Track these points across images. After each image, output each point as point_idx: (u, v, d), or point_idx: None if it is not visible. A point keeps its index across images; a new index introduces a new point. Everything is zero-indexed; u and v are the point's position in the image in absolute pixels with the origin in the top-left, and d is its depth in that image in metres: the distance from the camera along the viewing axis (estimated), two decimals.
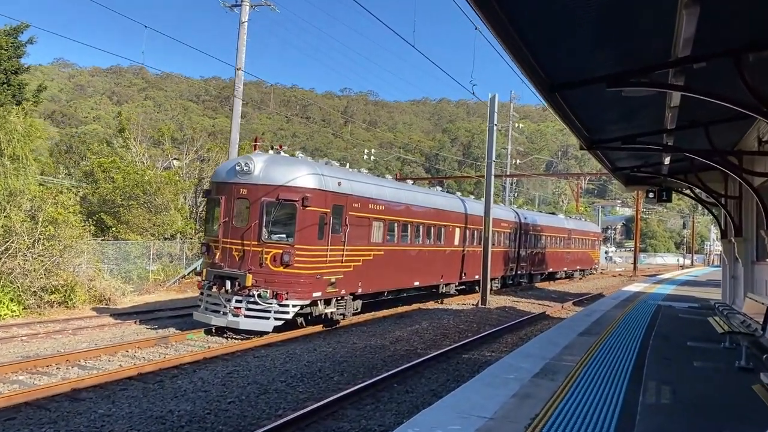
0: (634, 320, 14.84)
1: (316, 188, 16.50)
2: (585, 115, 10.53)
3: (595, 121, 11.34)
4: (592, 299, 32.80)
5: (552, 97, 8.53)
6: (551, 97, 8.52)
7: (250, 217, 16.31)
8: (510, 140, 76.17)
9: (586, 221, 55.96)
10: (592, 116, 10.85)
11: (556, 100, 8.75)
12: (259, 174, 16.33)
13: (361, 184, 18.79)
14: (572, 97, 9.10)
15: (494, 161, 26.69)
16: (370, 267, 19.33)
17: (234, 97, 30.85)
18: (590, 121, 11.17)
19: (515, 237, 34.26)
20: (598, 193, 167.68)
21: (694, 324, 14.81)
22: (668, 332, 12.75)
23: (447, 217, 25.24)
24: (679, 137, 12.42)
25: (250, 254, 16.15)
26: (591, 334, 11.96)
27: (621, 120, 11.74)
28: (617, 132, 12.27)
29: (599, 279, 51.69)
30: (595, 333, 12.20)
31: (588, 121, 11.10)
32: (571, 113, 9.94)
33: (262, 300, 15.92)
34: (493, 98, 26.06)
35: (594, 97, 9.55)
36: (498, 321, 22.72)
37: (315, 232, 16.54)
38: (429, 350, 16.36)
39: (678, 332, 12.93)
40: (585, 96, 9.31)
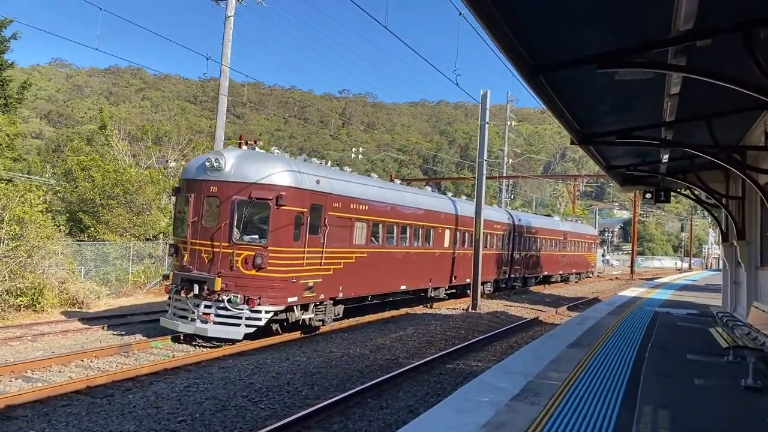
0: (629, 329, 13.82)
1: (291, 186, 15.47)
2: (575, 104, 9.52)
3: (587, 112, 10.33)
4: (588, 304, 31.81)
5: (535, 81, 7.51)
6: (534, 81, 7.50)
7: (221, 217, 15.27)
8: (506, 141, 75.27)
9: (582, 223, 54.97)
10: (583, 106, 9.85)
11: (540, 84, 7.73)
12: (230, 171, 15.30)
13: (343, 182, 17.77)
14: (559, 82, 8.09)
15: (486, 161, 25.67)
16: (352, 270, 18.30)
17: (219, 94, 29.83)
18: (582, 112, 10.16)
19: (509, 239, 33.26)
20: (595, 195, 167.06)
21: (693, 333, 13.80)
22: (666, 343, 11.74)
23: (436, 218, 24.23)
24: (679, 131, 11.43)
25: (220, 256, 15.11)
26: (582, 346, 10.94)
27: (615, 111, 10.74)
28: (612, 125, 11.27)
29: (595, 282, 50.69)
30: (587, 344, 11.17)
31: (579, 112, 10.09)
32: (560, 101, 8.93)
33: (233, 305, 14.88)
34: (485, 95, 25.07)
35: (585, 83, 8.56)
36: (488, 327, 21.70)
37: (290, 233, 15.51)
38: (411, 359, 15.33)
39: (676, 343, 11.92)
40: (574, 81, 8.31)
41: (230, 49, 28.66)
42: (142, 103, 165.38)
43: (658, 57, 7.24)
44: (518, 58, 7.12)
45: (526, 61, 7.23)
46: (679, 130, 11.33)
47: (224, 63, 28.52)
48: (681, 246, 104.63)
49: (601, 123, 11.27)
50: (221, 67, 28.67)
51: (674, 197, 22.39)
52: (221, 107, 30.22)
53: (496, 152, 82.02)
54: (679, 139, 11.31)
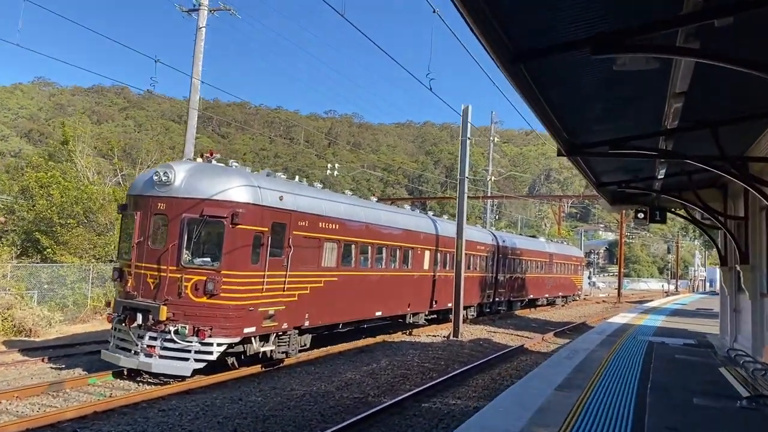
0: (623, 364, 12.33)
1: (249, 203, 13.92)
2: (562, 104, 8.13)
3: (576, 115, 8.94)
4: (575, 329, 30.35)
5: (515, 70, 6.09)
6: (514, 71, 6.08)
7: (169, 237, 13.68)
8: (491, 161, 74.32)
9: (568, 245, 53.74)
10: (572, 108, 8.46)
11: (520, 75, 6.30)
12: (180, 185, 13.74)
13: (310, 198, 16.25)
14: (544, 74, 6.68)
15: (468, 178, 24.29)
16: (321, 296, 16.72)
17: (189, 108, 28.33)
18: (570, 116, 8.77)
19: (493, 261, 31.81)
20: (581, 217, 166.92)
21: (695, 369, 12.35)
22: (667, 382, 10.26)
23: (415, 238, 22.75)
24: (680, 142, 10.06)
25: (167, 282, 13.49)
26: (572, 388, 9.42)
27: (608, 117, 9.36)
28: (604, 134, 9.89)
29: (582, 306, 49.31)
30: (577, 386, 9.66)
31: (567, 116, 8.70)
32: (544, 100, 7.52)
33: (180, 337, 13.23)
34: (466, 110, 23.78)
35: (574, 78, 7.17)
36: (469, 357, 20.12)
37: (248, 254, 13.93)
38: (382, 398, 13.73)
39: (679, 382, 10.44)
40: (561, 75, 6.92)
41: (201, 62, 27.26)
42: (125, 122, 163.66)
43: (665, 41, 5.85)
44: (495, 41, 5.69)
45: (504, 45, 5.80)
46: (680, 141, 9.98)
47: (195, 76, 27.06)
48: (667, 268, 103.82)
49: (592, 131, 9.89)
50: (192, 81, 27.23)
51: (669, 218, 21.10)
52: (191, 122, 28.77)
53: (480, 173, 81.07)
54: (680, 151, 9.93)
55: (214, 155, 14.74)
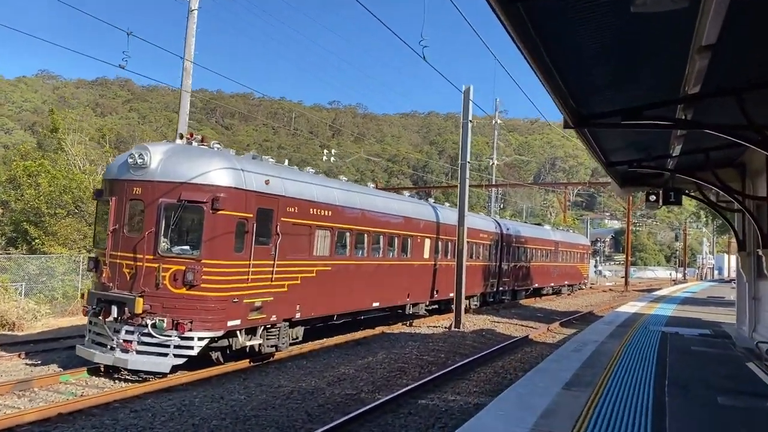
0: (637, 357, 11.35)
1: (232, 187, 12.95)
2: (567, 63, 7.10)
3: (585, 79, 7.91)
4: (582, 319, 29.37)
5: (512, 10, 5.07)
6: (511, 11, 5.06)
7: (145, 224, 12.73)
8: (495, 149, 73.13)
9: (574, 233, 52.66)
10: (578, 68, 7.42)
11: (518, 18, 5.25)
12: (156, 168, 12.77)
13: (300, 183, 15.27)
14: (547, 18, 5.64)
15: (469, 163, 23.25)
16: (313, 286, 15.77)
17: (181, 90, 27.37)
18: (577, 77, 7.74)
19: (497, 249, 30.82)
20: (586, 205, 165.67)
21: (714, 362, 11.36)
22: (686, 378, 9.28)
23: (415, 226, 21.76)
24: (700, 111, 9.01)
25: (143, 272, 12.55)
26: (581, 386, 8.44)
27: (620, 82, 8.33)
28: (615, 101, 8.85)
29: (589, 295, 48.28)
30: (587, 383, 8.68)
31: (574, 76, 7.66)
32: (547, 54, 6.49)
33: (158, 331, 12.31)
34: (468, 91, 22.70)
35: (582, 28, 6.13)
36: (472, 349, 19.18)
37: (230, 242, 12.97)
38: (376, 394, 12.81)
39: (699, 378, 9.46)
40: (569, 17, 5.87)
41: (193, 45, 26.25)
42: (129, 115, 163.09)
43: None
44: None
45: None
46: (701, 110, 8.93)
47: (187, 58, 26.04)
48: (675, 256, 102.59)
49: (602, 99, 8.85)
50: (184, 63, 26.25)
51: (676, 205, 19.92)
52: (183, 106, 27.86)
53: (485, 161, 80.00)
54: (700, 120, 8.90)
55: (194, 137, 13.73)
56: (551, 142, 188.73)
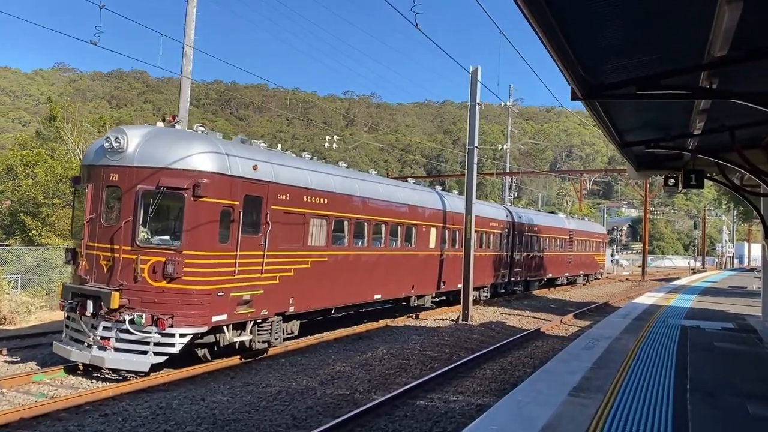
0: (654, 356, 10.33)
1: (215, 172, 12.04)
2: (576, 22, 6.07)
3: (596, 41, 6.86)
4: (597, 310, 28.28)
5: None
6: None
7: (122, 213, 11.88)
8: (509, 135, 71.87)
9: (590, 221, 51.33)
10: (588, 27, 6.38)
11: None
12: (134, 153, 11.89)
13: (292, 169, 14.34)
14: None
15: (477, 148, 22.16)
16: (307, 278, 14.88)
17: (181, 77, 26.58)
18: (587, 40, 6.69)
19: (508, 239, 29.74)
20: (603, 194, 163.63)
21: (741, 361, 10.32)
22: (710, 382, 8.25)
23: (420, 214, 20.78)
24: (727, 79, 7.93)
25: (120, 264, 11.71)
26: (590, 392, 7.46)
27: (636, 46, 7.26)
28: (630, 69, 7.79)
29: (605, 284, 47.03)
30: (597, 389, 7.69)
31: (583, 40, 6.63)
32: (551, 14, 5.48)
33: (136, 328, 11.48)
34: (475, 72, 21.60)
35: None
36: (479, 343, 18.22)
37: (214, 232, 12.08)
38: (372, 394, 11.93)
39: (725, 381, 8.44)
40: None
41: (194, 29, 25.39)
42: (143, 107, 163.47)
43: None
44: None
45: None
46: (728, 77, 7.85)
47: (187, 43, 25.19)
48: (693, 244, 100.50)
49: (614, 66, 7.79)
50: (183, 48, 25.41)
51: (695, 191, 18.60)
52: (183, 93, 27.10)
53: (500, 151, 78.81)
54: (726, 89, 7.82)
55: (176, 119, 12.83)
56: (567, 130, 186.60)
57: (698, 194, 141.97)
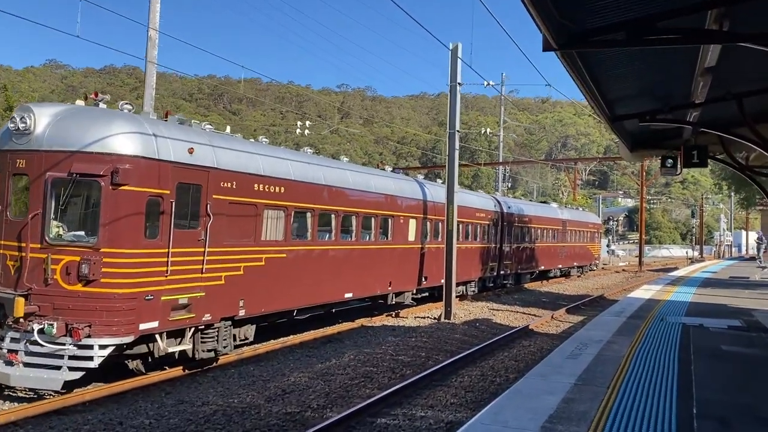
0: (651, 367, 8.68)
1: (139, 156, 10.33)
2: None
3: None
4: (591, 304, 26.68)
5: None
6: None
7: (30, 205, 10.19)
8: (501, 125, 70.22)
9: (584, 211, 49.73)
10: None
11: None
12: (42, 134, 10.17)
13: (239, 154, 12.62)
14: None
15: (458, 132, 20.45)
16: (261, 277, 13.21)
17: (146, 61, 24.88)
18: None
19: (496, 230, 28.10)
20: (599, 184, 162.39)
21: (755, 370, 8.69)
22: (721, 403, 6.61)
23: (397, 205, 19.11)
24: (738, 19, 6.25)
25: (28, 263, 10.03)
26: (570, 423, 5.81)
27: None
28: (619, 10, 6.11)
29: (600, 276, 45.46)
30: (580, 416, 6.04)
31: None
32: None
33: (47, 338, 9.80)
34: (455, 49, 19.88)
35: None
36: (459, 345, 16.60)
37: (139, 225, 10.39)
38: (326, 411, 10.30)
39: (739, 401, 6.80)
40: None
41: (159, 12, 23.65)
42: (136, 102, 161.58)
43: None
44: None
45: None
46: (739, 17, 6.17)
47: (151, 26, 23.47)
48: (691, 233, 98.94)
49: (599, 4, 6.11)
50: (148, 32, 23.69)
51: (692, 176, 16.69)
52: (149, 79, 25.44)
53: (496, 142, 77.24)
54: (740, 31, 6.14)
55: (100, 97, 11.07)
56: (563, 120, 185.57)
57: (695, 183, 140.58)
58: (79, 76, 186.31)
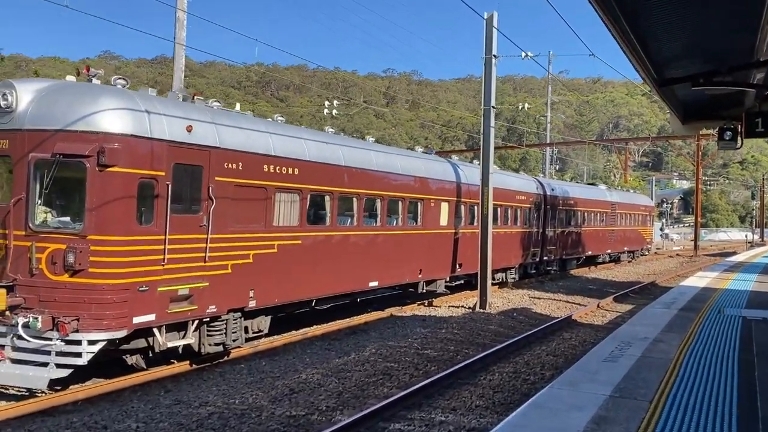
0: (706, 373, 7.34)
1: (128, 134, 9.44)
2: None
3: None
4: (641, 292, 25.03)
5: None
6: None
7: (14, 189, 9.44)
8: (549, 105, 67.90)
9: (635, 193, 47.39)
10: None
11: None
12: (25, 112, 9.38)
13: (246, 132, 11.65)
14: None
15: (493, 108, 19.06)
16: (273, 265, 12.27)
17: (175, 43, 24.45)
18: None
19: (539, 213, 26.60)
20: (653, 165, 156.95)
21: None
22: None
23: (428, 187, 17.92)
24: None
25: (12, 253, 9.30)
26: None
27: None
28: None
29: (652, 261, 43.25)
30: None
31: None
32: None
33: (32, 333, 9.06)
34: (490, 18, 18.44)
35: None
36: (493, 337, 15.41)
37: (130, 210, 9.53)
38: (336, 413, 9.33)
39: None
40: None
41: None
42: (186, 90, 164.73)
43: None
44: None
45: None
46: None
47: (179, 8, 22.91)
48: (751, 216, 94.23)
49: None
50: (176, 13, 23.12)
51: None
52: (177, 61, 25.19)
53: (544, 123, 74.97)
54: None
55: (92, 72, 10.22)
56: (614, 100, 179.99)
57: (755, 163, 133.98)
58: (131, 66, 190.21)
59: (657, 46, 7.78)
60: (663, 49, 7.94)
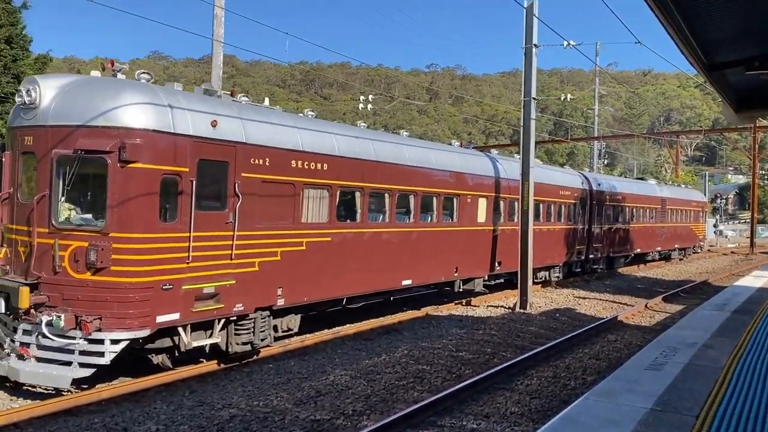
0: (760, 382, 6.68)
1: (151, 129, 9.25)
2: None
3: None
4: (693, 291, 23.91)
5: None
6: None
7: (38, 186, 9.36)
8: (597, 97, 66.06)
9: (687, 189, 45.60)
10: None
11: None
12: (48, 108, 9.29)
13: (272, 127, 11.36)
14: None
15: (535, 99, 18.36)
16: (302, 262, 11.97)
17: (213, 40, 24.43)
18: None
19: (584, 210, 25.68)
20: (706, 160, 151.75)
21: None
22: None
23: (462, 182, 17.35)
24: None
25: (36, 250, 9.22)
26: None
27: None
28: None
29: (705, 259, 41.52)
30: None
31: None
32: None
33: (55, 331, 8.97)
34: (531, 6, 17.75)
35: None
36: (533, 339, 14.80)
37: (153, 207, 9.35)
38: (364, 418, 8.97)
39: None
40: None
41: None
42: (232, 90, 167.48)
43: None
44: None
45: None
46: None
47: (217, 4, 22.91)
48: None
49: None
50: (214, 10, 23.15)
51: None
52: (216, 58, 25.10)
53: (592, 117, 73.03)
54: None
55: (117, 66, 10.07)
56: (665, 93, 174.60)
57: None
58: (179, 66, 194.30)
59: (705, 25, 7.10)
60: (711, 29, 7.26)
